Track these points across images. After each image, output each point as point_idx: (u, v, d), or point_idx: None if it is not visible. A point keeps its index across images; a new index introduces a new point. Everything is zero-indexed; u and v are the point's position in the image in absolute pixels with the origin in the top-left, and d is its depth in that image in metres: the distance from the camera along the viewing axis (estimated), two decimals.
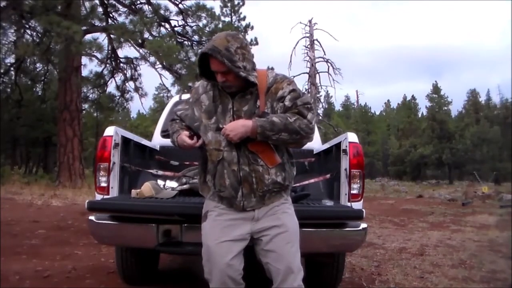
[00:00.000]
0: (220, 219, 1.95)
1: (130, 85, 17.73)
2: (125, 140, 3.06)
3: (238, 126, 1.86)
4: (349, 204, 2.73)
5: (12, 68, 17.43)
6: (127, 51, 28.71)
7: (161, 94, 22.82)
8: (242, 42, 1.90)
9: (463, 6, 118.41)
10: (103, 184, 2.78)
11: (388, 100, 59.69)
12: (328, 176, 3.19)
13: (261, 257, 1.96)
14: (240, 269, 1.92)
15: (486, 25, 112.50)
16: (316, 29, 23.48)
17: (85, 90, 17.22)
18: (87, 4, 15.10)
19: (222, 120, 1.94)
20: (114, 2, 15.96)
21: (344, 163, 2.80)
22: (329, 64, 23.05)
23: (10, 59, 16.87)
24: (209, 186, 2.00)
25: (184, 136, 1.98)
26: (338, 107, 49.30)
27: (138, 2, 16.00)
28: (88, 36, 13.90)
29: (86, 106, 18.47)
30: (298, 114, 1.89)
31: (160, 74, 15.50)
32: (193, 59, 15.06)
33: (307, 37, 23.45)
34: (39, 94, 21.66)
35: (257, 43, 17.40)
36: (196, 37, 16.30)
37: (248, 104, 1.94)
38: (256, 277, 2.21)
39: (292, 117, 1.87)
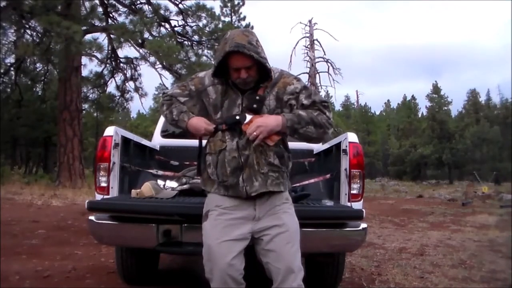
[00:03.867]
0: (221, 218, 1.94)
1: (130, 85, 17.78)
2: (125, 140, 3.06)
3: (269, 121, 1.86)
4: (349, 204, 2.73)
5: (12, 68, 17.43)
6: (127, 51, 28.84)
7: (161, 94, 22.83)
8: (256, 36, 1.92)
9: (463, 5, 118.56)
10: (103, 184, 2.78)
11: (388, 100, 59.89)
12: (328, 176, 3.19)
13: (262, 256, 1.96)
14: (241, 269, 1.92)
15: (486, 25, 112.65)
16: (316, 29, 23.56)
17: (85, 90, 17.22)
18: (87, 4, 15.12)
19: (227, 115, 1.95)
20: (114, 2, 15.97)
21: (344, 163, 2.80)
22: (329, 64, 23.16)
23: (10, 59, 16.90)
24: (213, 179, 1.99)
25: (200, 121, 1.96)
26: (338, 107, 49.34)
27: (138, 2, 16.01)
28: (88, 36, 13.94)
29: (86, 106, 18.48)
30: (319, 110, 1.94)
31: (160, 74, 15.52)
32: (193, 59, 15.08)
33: (307, 37, 23.49)
34: (39, 94, 21.67)
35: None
36: (196, 37, 16.31)
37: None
38: (257, 277, 2.21)
39: (313, 112, 1.93)
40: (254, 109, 1.91)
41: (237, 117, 1.91)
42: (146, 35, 14.47)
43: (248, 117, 1.90)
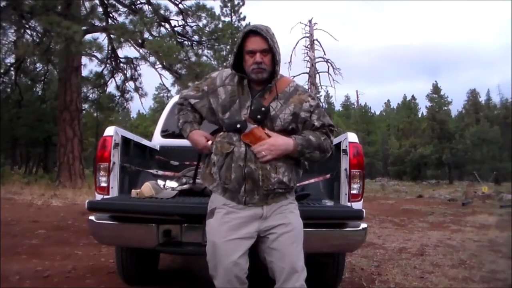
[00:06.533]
0: (228, 217, 1.94)
1: (130, 85, 17.78)
2: (125, 140, 3.05)
3: (280, 144, 1.91)
4: (349, 204, 2.73)
5: (12, 68, 17.44)
6: (127, 51, 28.80)
7: (161, 94, 22.85)
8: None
9: (463, 5, 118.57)
10: (103, 184, 2.78)
11: (388, 100, 59.79)
12: (328, 176, 3.19)
13: (266, 255, 1.96)
14: (246, 268, 1.92)
15: (486, 25, 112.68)
16: (316, 29, 23.54)
17: (85, 90, 17.23)
18: (87, 4, 15.12)
19: (237, 116, 1.96)
20: (114, 2, 15.96)
21: (344, 163, 2.80)
22: (329, 64, 23.14)
23: (10, 59, 16.91)
24: (214, 178, 2.00)
25: (199, 136, 2.05)
26: (338, 107, 49.37)
27: (138, 2, 16.01)
28: (88, 36, 13.94)
29: (86, 106, 18.49)
30: (325, 134, 2.03)
31: (160, 74, 15.54)
32: (193, 59, 15.08)
33: (307, 37, 23.48)
34: (39, 94, 21.70)
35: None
36: (196, 37, 16.31)
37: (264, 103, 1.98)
38: (259, 276, 2.21)
39: (322, 136, 2.01)
40: (257, 120, 1.93)
41: (238, 126, 1.93)
42: (146, 35, 14.48)
43: (250, 126, 1.91)
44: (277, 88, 1.99)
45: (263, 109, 1.94)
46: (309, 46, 23.41)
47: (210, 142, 2.02)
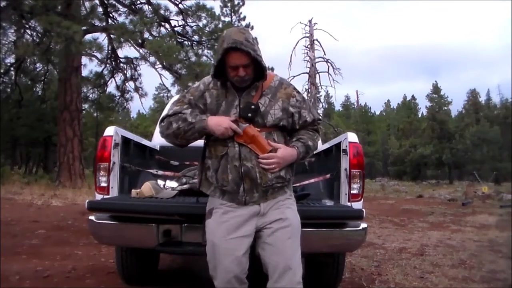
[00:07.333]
0: (226, 216, 1.94)
1: (130, 85, 17.74)
2: (125, 140, 3.05)
3: (288, 156, 1.96)
4: (349, 204, 2.73)
5: (12, 68, 17.45)
6: (127, 51, 28.84)
7: (161, 94, 22.80)
8: (252, 35, 1.95)
9: (463, 5, 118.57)
10: (103, 184, 2.78)
11: (388, 100, 59.90)
12: (328, 176, 3.19)
13: (260, 250, 1.94)
14: (245, 268, 1.91)
15: (486, 25, 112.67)
16: (316, 29, 23.52)
17: (85, 90, 17.20)
18: (87, 4, 15.13)
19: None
20: (114, 2, 15.96)
21: (344, 163, 2.80)
22: (329, 64, 23.09)
23: (10, 59, 16.93)
24: (211, 182, 1.99)
25: (232, 122, 1.88)
26: (338, 107, 49.41)
27: (138, 2, 16.00)
28: (88, 36, 13.93)
29: (86, 106, 18.46)
30: (316, 131, 2.12)
31: (160, 74, 15.51)
32: (193, 59, 15.07)
33: (307, 37, 23.46)
34: (39, 94, 21.71)
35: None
36: (196, 37, 16.30)
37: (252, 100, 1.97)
38: (259, 276, 2.21)
39: (314, 135, 2.10)
40: (248, 118, 1.92)
41: None
42: (146, 35, 14.47)
43: (242, 126, 1.90)
44: (262, 84, 1.98)
45: (253, 106, 1.92)
46: (309, 46, 23.39)
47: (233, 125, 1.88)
